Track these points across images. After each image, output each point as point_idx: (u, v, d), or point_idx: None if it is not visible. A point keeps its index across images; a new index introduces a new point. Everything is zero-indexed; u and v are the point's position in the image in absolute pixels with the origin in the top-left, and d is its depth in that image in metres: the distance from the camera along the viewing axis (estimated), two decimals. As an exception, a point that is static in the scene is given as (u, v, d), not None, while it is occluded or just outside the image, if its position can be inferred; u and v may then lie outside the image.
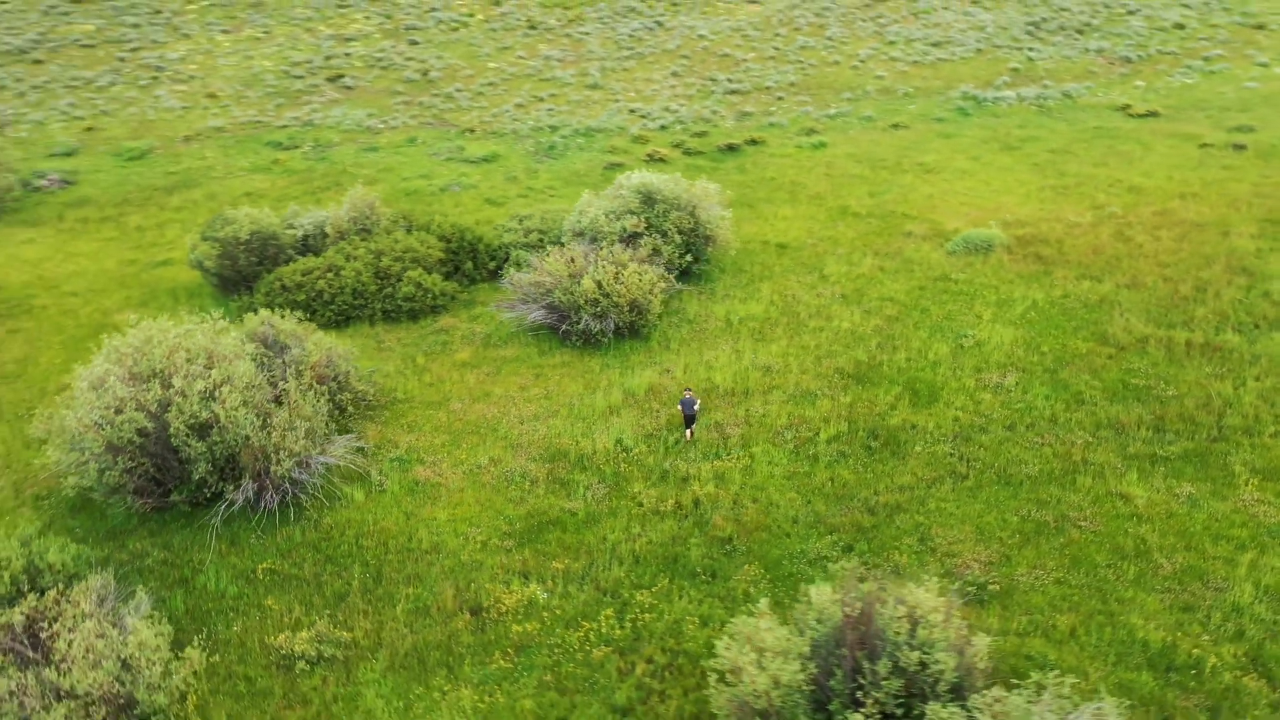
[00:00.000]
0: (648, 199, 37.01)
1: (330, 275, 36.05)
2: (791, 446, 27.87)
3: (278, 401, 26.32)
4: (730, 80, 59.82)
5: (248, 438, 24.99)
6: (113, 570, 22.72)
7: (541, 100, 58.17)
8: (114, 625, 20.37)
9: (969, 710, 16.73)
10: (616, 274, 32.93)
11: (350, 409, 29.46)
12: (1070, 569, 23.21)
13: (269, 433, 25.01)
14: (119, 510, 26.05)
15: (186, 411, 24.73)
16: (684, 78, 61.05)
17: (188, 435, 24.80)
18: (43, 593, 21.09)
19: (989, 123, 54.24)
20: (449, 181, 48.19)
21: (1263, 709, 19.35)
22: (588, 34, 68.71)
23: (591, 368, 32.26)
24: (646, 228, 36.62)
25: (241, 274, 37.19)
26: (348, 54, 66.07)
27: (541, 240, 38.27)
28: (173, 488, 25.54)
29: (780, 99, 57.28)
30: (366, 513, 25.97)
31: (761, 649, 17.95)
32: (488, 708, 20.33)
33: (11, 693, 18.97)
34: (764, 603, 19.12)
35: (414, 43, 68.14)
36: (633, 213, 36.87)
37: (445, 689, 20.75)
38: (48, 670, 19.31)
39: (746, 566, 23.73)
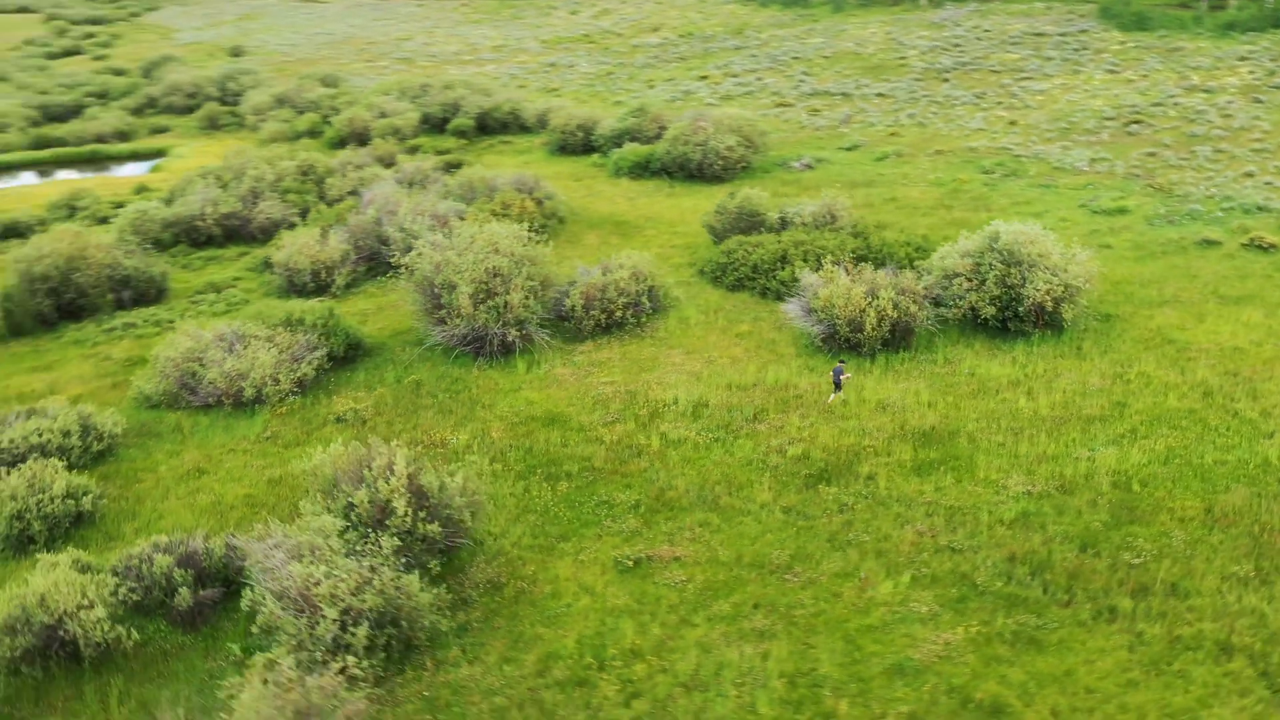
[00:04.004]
0: (991, 247, 39.89)
1: (748, 249, 46.90)
2: (763, 451, 32.65)
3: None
4: None
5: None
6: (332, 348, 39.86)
7: (1276, 173, 55.66)
8: (296, 359, 37.64)
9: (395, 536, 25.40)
10: (848, 293, 38.35)
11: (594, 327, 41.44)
12: (709, 593, 26.37)
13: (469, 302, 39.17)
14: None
15: (467, 275, 40.24)
16: None
17: (450, 290, 40.41)
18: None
19: None
20: (1044, 225, 52.32)
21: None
22: None
23: (790, 362, 38.71)
24: (973, 271, 39.79)
25: (721, 234, 49.88)
26: (1178, 103, 68.52)
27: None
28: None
29: None
30: (504, 376, 38.72)
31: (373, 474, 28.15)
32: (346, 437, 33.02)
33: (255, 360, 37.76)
34: (401, 456, 28.62)
35: (1258, 100, 67.22)
36: (968, 255, 40.21)
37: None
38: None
39: (560, 485, 31.36)
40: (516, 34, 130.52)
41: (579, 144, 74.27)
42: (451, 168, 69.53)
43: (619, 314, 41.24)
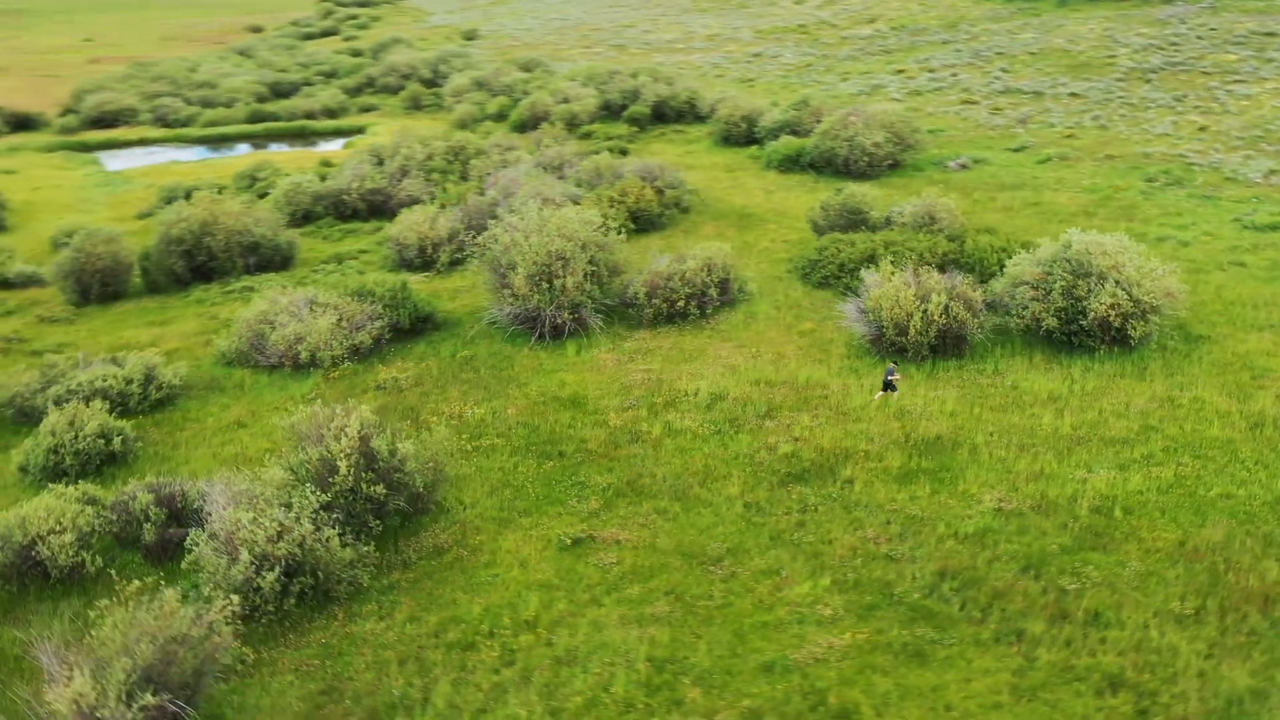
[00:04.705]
0: (1064, 256, 38.94)
1: (839, 247, 47.12)
2: (757, 447, 33.29)
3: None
4: None
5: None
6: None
7: None
8: (357, 328, 40.72)
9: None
10: (897, 295, 38.26)
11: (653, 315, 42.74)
12: (629, 577, 27.50)
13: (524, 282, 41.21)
14: (503, 309, 45.03)
15: (528, 256, 42.52)
16: None
17: (513, 269, 42.67)
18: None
19: None
20: (1184, 238, 50.26)
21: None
22: None
23: (833, 363, 39.03)
24: (1040, 279, 38.98)
25: (823, 230, 50.20)
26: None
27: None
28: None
29: None
30: (552, 357, 40.55)
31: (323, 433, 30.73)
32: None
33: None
34: (356, 419, 30.93)
35: None
36: (1040, 264, 39.37)
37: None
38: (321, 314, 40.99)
39: (548, 463, 33.02)
40: (735, 23, 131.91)
41: (742, 135, 75.17)
42: (613, 154, 71.59)
43: (681, 304, 42.17)
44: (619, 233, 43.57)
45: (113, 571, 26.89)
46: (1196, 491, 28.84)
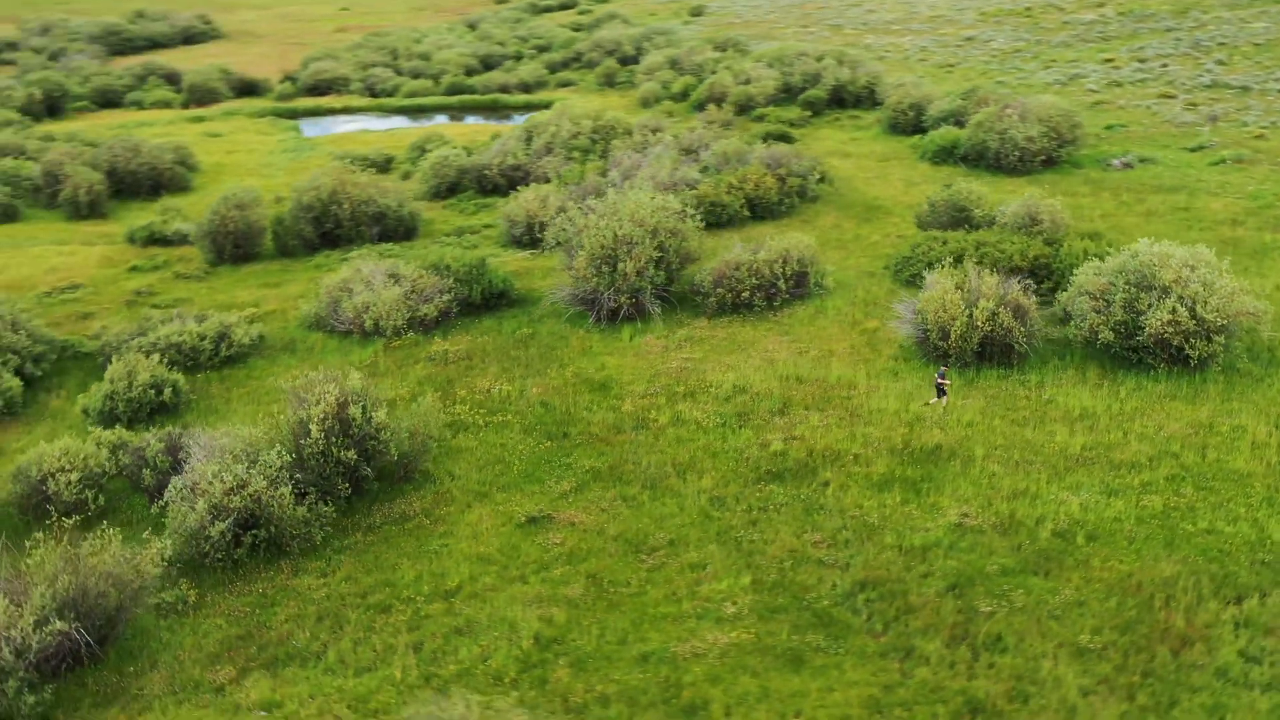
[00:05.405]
0: (1130, 267, 37.69)
1: (932, 244, 46.69)
2: (753, 443, 33.87)
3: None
4: None
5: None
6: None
7: None
8: (425, 300, 43.27)
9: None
10: (943, 298, 37.89)
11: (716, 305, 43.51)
12: (564, 558, 28.87)
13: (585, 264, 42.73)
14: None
15: (593, 238, 44.16)
16: None
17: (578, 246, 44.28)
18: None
19: None
20: None
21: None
22: None
23: (877, 363, 39.04)
24: (1106, 289, 37.90)
25: (927, 226, 49.71)
26: None
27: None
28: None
29: None
30: (604, 340, 41.92)
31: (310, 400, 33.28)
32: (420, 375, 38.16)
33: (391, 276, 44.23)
34: (336, 386, 33.20)
35: None
36: (1104, 273, 38.24)
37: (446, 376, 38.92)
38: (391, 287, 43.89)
39: (548, 443, 34.56)
40: (961, 4, 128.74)
41: (909, 124, 74.12)
42: (774, 138, 71.89)
43: (746, 295, 42.70)
44: (696, 220, 44.34)
45: (51, 508, 29.86)
46: (1179, 525, 27.74)
